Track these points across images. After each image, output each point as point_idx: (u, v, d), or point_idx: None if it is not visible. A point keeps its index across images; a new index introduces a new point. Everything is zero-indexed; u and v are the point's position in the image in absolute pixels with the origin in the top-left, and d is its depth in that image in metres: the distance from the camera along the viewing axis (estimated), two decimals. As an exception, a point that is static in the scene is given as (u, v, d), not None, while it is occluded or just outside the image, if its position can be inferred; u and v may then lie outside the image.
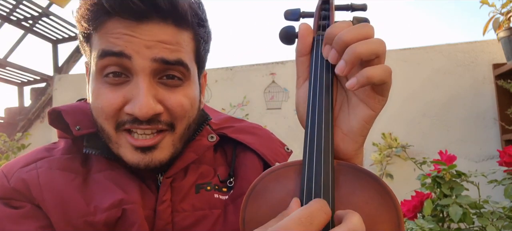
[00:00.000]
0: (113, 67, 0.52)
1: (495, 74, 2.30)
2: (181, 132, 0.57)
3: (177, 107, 0.55)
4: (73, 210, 0.53)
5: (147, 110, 0.51)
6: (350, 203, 0.43)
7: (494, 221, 1.30)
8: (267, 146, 0.68)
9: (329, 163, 0.43)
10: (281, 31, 0.50)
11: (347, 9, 0.54)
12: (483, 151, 2.33)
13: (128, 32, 0.51)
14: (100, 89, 0.53)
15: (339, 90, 0.49)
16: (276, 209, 0.43)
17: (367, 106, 0.46)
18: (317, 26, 0.52)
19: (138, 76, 0.52)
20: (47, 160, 0.58)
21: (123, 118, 0.53)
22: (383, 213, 0.42)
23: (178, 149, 0.58)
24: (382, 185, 0.43)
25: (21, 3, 2.96)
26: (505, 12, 2.09)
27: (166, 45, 0.52)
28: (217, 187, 0.62)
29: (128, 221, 0.54)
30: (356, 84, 0.41)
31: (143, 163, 0.54)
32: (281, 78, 2.78)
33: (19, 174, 0.56)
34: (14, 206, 0.54)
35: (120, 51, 0.51)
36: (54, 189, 0.54)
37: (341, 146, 0.47)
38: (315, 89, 0.47)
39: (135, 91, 0.52)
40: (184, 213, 0.58)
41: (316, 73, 0.47)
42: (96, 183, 0.57)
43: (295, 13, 0.53)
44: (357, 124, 0.46)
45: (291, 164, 0.46)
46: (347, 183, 0.44)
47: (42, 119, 3.39)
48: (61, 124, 0.61)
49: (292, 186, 0.44)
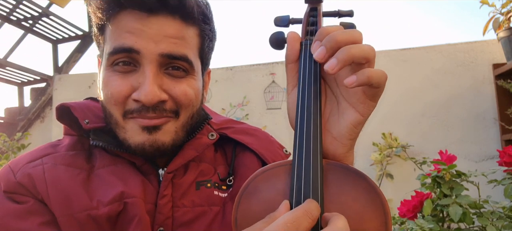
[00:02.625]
0: (123, 59, 0.56)
1: (495, 74, 2.30)
2: (185, 120, 0.60)
3: (182, 96, 0.58)
4: (76, 204, 0.55)
5: (152, 97, 0.54)
6: (339, 201, 0.44)
7: (494, 221, 1.30)
8: (266, 147, 0.69)
9: (318, 162, 0.44)
10: (271, 37, 0.52)
11: (335, 15, 0.56)
12: (483, 151, 2.33)
13: (139, 25, 0.55)
14: (110, 77, 0.57)
15: (329, 95, 0.51)
16: (267, 209, 0.44)
17: (356, 111, 0.47)
18: (305, 32, 0.54)
19: (145, 66, 0.55)
20: (53, 156, 0.60)
21: (130, 105, 0.57)
22: (371, 210, 0.43)
23: (180, 137, 0.60)
24: (370, 183, 0.44)
25: (21, 3, 2.96)
26: (505, 12, 2.09)
27: (172, 39, 0.56)
28: (217, 184, 0.64)
29: (130, 215, 0.55)
30: (355, 82, 0.42)
31: (148, 142, 0.57)
32: (281, 78, 2.77)
33: (25, 169, 0.57)
34: (17, 200, 0.55)
35: (130, 47, 0.55)
36: (59, 184, 0.56)
37: (331, 149, 0.48)
38: (304, 91, 0.48)
39: (142, 79, 0.55)
40: (184, 209, 0.59)
41: (304, 76, 0.49)
42: (99, 178, 0.58)
43: (284, 19, 0.56)
44: (346, 128, 0.47)
45: (281, 164, 0.47)
46: (336, 181, 0.45)
47: (42, 118, 3.39)
48: (68, 120, 0.64)
49: (282, 185, 0.45)
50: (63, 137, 0.66)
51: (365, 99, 0.46)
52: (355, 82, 0.42)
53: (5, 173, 0.58)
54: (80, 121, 0.61)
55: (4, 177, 0.58)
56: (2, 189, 0.56)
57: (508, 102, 2.22)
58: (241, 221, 0.45)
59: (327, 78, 0.51)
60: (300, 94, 0.48)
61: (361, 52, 0.42)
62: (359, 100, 0.46)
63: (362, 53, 0.42)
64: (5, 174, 0.58)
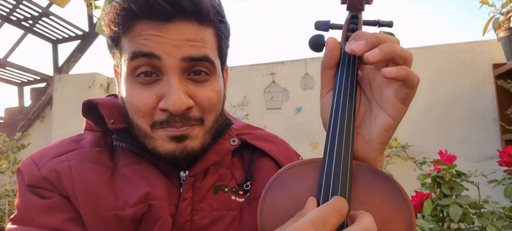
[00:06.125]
0: (144, 68, 0.55)
1: (495, 74, 2.30)
2: (210, 124, 0.60)
3: (206, 101, 0.58)
4: (103, 203, 0.55)
5: (180, 105, 0.54)
6: (366, 202, 0.45)
7: (494, 221, 1.30)
8: (284, 154, 0.70)
9: (348, 161, 0.46)
10: (311, 39, 0.53)
11: (374, 24, 0.58)
12: (483, 151, 2.33)
13: (157, 33, 0.54)
14: (133, 90, 0.56)
15: (363, 100, 0.52)
16: (294, 204, 0.45)
17: (388, 115, 0.48)
18: (345, 37, 0.55)
19: (168, 74, 0.55)
20: (78, 152, 0.60)
21: (158, 116, 0.56)
22: (397, 213, 0.44)
23: (207, 140, 0.61)
24: (398, 187, 0.45)
25: (21, 3, 2.96)
26: (505, 12, 2.09)
27: (192, 43, 0.55)
28: (234, 189, 0.64)
29: (154, 216, 0.56)
30: (394, 73, 0.43)
31: (179, 150, 0.57)
32: (281, 78, 2.78)
33: (51, 164, 0.57)
34: (42, 195, 0.55)
35: (150, 52, 0.54)
36: (85, 182, 0.56)
37: (362, 152, 0.49)
38: (340, 94, 0.50)
39: (167, 88, 0.55)
40: (203, 213, 0.59)
41: (341, 80, 0.50)
42: (124, 177, 0.59)
43: (325, 24, 0.57)
44: (377, 132, 0.48)
45: (311, 161, 0.48)
46: (364, 182, 0.46)
47: (42, 118, 3.39)
48: (93, 116, 0.64)
49: (310, 182, 0.46)
50: (85, 132, 0.66)
51: (397, 103, 0.47)
52: (394, 73, 0.43)
53: (29, 166, 0.58)
54: (105, 119, 0.61)
55: (28, 170, 0.57)
56: (26, 183, 0.56)
57: (508, 102, 2.22)
58: (267, 214, 0.46)
59: (362, 84, 0.52)
60: (335, 97, 0.50)
61: (402, 51, 0.44)
62: (391, 104, 0.48)
63: (402, 53, 0.44)
64: (28, 167, 0.58)
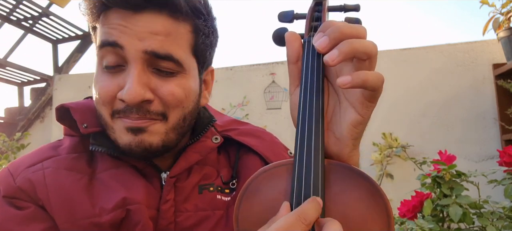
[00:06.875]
0: (110, 56, 0.55)
1: (495, 74, 2.30)
2: (175, 122, 0.57)
3: (169, 96, 0.55)
4: (79, 211, 0.54)
5: (134, 96, 0.52)
6: (341, 201, 0.43)
7: (494, 221, 1.30)
8: (271, 149, 0.68)
9: (319, 160, 0.43)
10: (274, 33, 0.51)
11: (340, 10, 0.54)
12: (483, 151, 2.33)
13: (123, 23, 0.53)
14: (99, 77, 0.56)
15: (332, 94, 0.49)
16: (269, 209, 0.43)
17: (356, 111, 0.45)
18: (309, 28, 0.52)
19: (131, 64, 0.54)
20: (54, 159, 0.59)
21: (117, 105, 0.55)
22: (374, 212, 0.42)
23: (172, 138, 0.58)
24: (373, 184, 0.43)
25: (21, 3, 2.96)
26: (505, 12, 2.09)
27: (158, 36, 0.53)
28: (220, 188, 0.63)
29: (133, 221, 0.54)
30: (349, 83, 0.40)
31: (134, 143, 0.55)
32: (281, 78, 2.77)
33: (25, 174, 0.56)
34: (18, 206, 0.55)
35: (114, 41, 0.53)
36: (60, 190, 0.55)
37: (335, 149, 0.47)
38: (306, 89, 0.47)
39: (127, 78, 0.54)
40: (187, 213, 0.58)
41: (307, 73, 0.47)
42: (101, 183, 0.57)
43: (288, 15, 0.54)
44: (347, 128, 0.46)
45: (283, 164, 0.46)
46: (338, 181, 0.44)
47: (42, 118, 3.39)
48: (68, 121, 0.62)
49: (284, 185, 0.45)
50: (64, 138, 0.65)
51: (364, 100, 0.45)
52: (349, 83, 0.40)
53: (5, 177, 0.57)
54: (78, 124, 0.59)
55: (3, 181, 0.56)
56: (2, 194, 0.55)
57: (508, 102, 2.22)
58: (243, 220, 0.45)
59: (330, 77, 0.49)
60: (302, 92, 0.47)
61: (363, 47, 0.41)
62: (357, 100, 0.45)
63: (364, 49, 0.41)
64: (4, 178, 0.57)
